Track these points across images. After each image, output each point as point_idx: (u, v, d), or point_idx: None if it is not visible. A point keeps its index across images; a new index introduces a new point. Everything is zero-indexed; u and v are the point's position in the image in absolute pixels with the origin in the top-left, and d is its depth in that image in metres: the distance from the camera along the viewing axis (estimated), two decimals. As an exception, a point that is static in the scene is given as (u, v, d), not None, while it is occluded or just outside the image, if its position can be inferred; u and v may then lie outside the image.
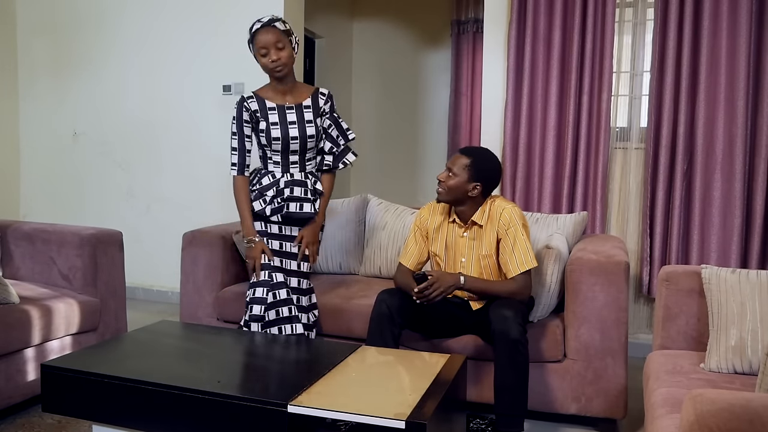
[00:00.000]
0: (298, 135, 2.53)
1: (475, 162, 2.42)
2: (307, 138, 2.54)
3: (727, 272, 2.07)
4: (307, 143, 2.56)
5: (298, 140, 2.54)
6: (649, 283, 3.41)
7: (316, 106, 2.58)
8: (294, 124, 2.53)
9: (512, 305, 2.32)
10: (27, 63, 4.84)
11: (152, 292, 4.60)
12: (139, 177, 4.63)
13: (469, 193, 2.42)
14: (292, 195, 2.57)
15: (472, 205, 2.46)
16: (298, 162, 2.58)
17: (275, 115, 2.53)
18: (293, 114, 2.53)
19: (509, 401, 2.26)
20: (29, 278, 2.96)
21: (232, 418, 1.70)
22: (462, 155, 2.45)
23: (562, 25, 3.47)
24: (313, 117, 2.56)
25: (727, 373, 1.97)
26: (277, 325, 2.56)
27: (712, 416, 1.20)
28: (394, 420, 1.59)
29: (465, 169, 2.41)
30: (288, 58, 2.48)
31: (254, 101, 2.56)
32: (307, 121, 2.54)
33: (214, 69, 4.34)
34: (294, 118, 2.53)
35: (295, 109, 2.54)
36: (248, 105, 2.56)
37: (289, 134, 2.52)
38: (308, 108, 2.56)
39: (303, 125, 2.52)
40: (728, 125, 3.21)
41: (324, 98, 2.61)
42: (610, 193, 3.56)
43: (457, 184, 2.42)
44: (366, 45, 6.30)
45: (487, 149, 2.57)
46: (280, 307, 2.57)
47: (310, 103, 2.58)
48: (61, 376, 1.91)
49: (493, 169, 2.46)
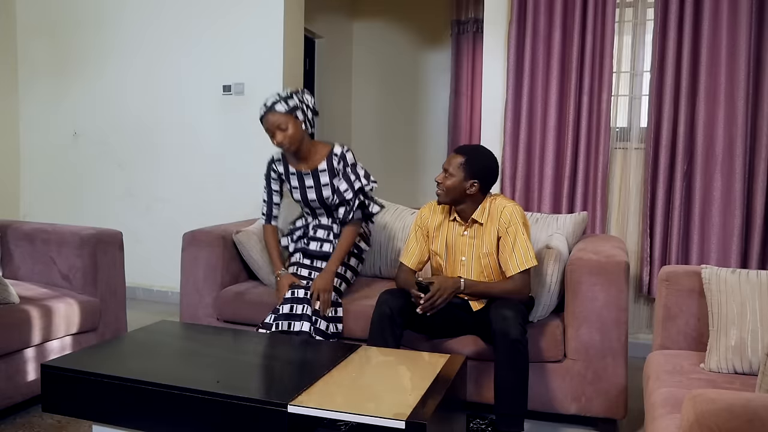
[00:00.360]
0: (316, 197, 2.75)
1: (470, 159, 2.42)
2: (324, 199, 2.75)
3: (727, 272, 2.07)
4: (325, 202, 2.76)
5: (317, 201, 2.77)
6: (649, 283, 3.41)
7: (331, 168, 2.74)
8: (312, 188, 2.74)
9: (512, 305, 2.32)
10: (27, 63, 4.84)
11: (152, 292, 4.60)
12: (138, 177, 4.63)
13: (467, 191, 2.42)
14: (315, 236, 2.81)
15: (472, 204, 2.46)
16: (325, 212, 2.82)
17: (295, 179, 2.76)
18: (310, 179, 2.74)
19: (509, 401, 2.26)
20: (29, 278, 2.96)
21: (232, 418, 1.70)
22: (456, 154, 2.45)
23: (562, 25, 3.47)
24: (329, 178, 2.74)
25: (727, 373, 1.97)
26: (289, 321, 2.56)
27: (712, 416, 1.20)
28: (394, 420, 1.59)
29: (460, 168, 2.41)
30: (293, 136, 2.64)
31: (281, 164, 2.81)
32: (324, 184, 2.73)
33: (214, 69, 4.34)
34: (311, 182, 2.74)
35: (311, 174, 2.73)
36: (275, 167, 2.82)
37: (308, 197, 2.76)
38: (324, 171, 2.73)
39: (320, 189, 2.71)
40: (728, 125, 3.21)
41: (337, 158, 2.74)
42: (610, 193, 3.56)
43: (455, 184, 2.42)
44: (366, 45, 6.30)
45: (482, 146, 2.57)
46: (295, 304, 2.59)
47: (326, 166, 2.74)
48: (61, 376, 1.91)
49: (488, 164, 2.46)
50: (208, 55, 4.37)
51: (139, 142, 4.61)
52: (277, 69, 4.18)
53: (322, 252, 2.83)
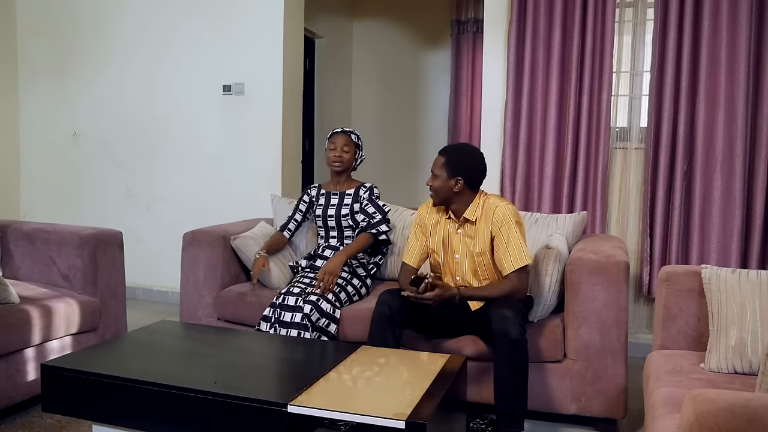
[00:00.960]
0: (334, 214, 3.02)
1: (451, 158, 2.45)
2: (340, 216, 3.01)
3: (727, 272, 2.07)
4: (341, 221, 3.01)
5: (334, 218, 3.02)
6: (649, 283, 3.41)
7: (356, 195, 3.05)
8: (334, 206, 3.04)
9: (512, 305, 2.32)
10: (27, 63, 4.84)
11: (152, 292, 4.60)
12: (138, 177, 4.63)
13: (453, 189, 2.45)
14: (322, 254, 3.02)
15: (463, 202, 2.48)
16: (337, 236, 3.05)
17: (323, 198, 3.09)
18: (336, 198, 3.06)
19: (509, 401, 2.26)
20: (29, 278, 2.96)
21: (232, 418, 1.70)
22: (439, 155, 2.50)
23: (562, 25, 3.47)
24: (351, 202, 3.04)
25: (727, 373, 1.97)
26: (283, 310, 2.64)
27: (712, 416, 1.20)
28: (393, 420, 1.59)
29: (443, 168, 2.45)
30: (348, 161, 3.03)
31: (315, 189, 3.16)
32: (344, 204, 3.04)
33: (214, 69, 4.35)
34: (335, 201, 3.05)
35: (338, 194, 3.07)
36: (310, 191, 3.17)
37: (327, 213, 3.04)
38: (349, 195, 3.05)
39: (340, 208, 3.02)
40: (728, 125, 3.21)
41: (364, 190, 3.06)
42: (610, 193, 3.56)
43: (441, 184, 2.46)
44: (366, 45, 6.30)
45: (465, 143, 2.61)
46: (288, 296, 2.67)
47: (352, 193, 3.06)
48: (61, 376, 1.91)
49: (470, 160, 2.48)
50: (208, 54, 4.37)
51: (138, 142, 4.61)
52: (277, 69, 4.19)
53: (326, 258, 2.98)
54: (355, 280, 2.90)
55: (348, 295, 2.83)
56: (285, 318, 2.61)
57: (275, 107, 4.21)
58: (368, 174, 6.07)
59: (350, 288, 2.86)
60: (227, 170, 4.38)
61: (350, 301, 2.84)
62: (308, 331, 2.58)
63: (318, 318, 2.62)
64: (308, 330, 2.58)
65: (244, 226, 3.26)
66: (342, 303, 2.78)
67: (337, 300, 2.75)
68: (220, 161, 4.39)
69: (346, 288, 2.83)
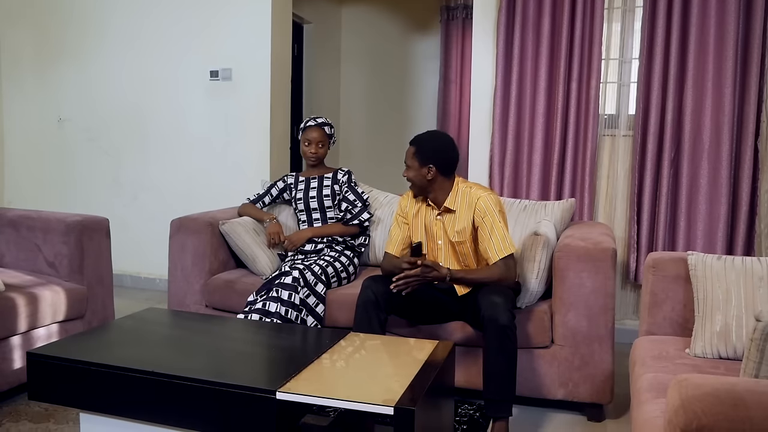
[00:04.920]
0: (315, 196, 3.07)
1: (420, 147, 2.46)
2: (322, 198, 3.06)
3: (713, 259, 2.09)
4: (323, 202, 3.06)
5: (315, 200, 3.07)
6: (636, 269, 3.43)
7: (335, 178, 3.10)
8: (314, 189, 3.09)
9: (501, 291, 2.33)
10: (9, 50, 4.76)
11: (140, 280, 4.58)
12: (126, 164, 4.59)
13: (427, 177, 2.45)
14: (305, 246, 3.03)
15: (441, 189, 2.48)
16: (320, 218, 3.09)
17: (302, 184, 3.13)
18: (315, 182, 3.11)
19: (498, 386, 2.28)
20: (14, 266, 2.93)
21: (221, 405, 1.70)
22: (410, 145, 2.50)
23: (552, 12, 3.46)
24: (330, 183, 3.09)
25: (712, 358, 1.99)
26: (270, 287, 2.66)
27: (697, 401, 1.21)
28: (382, 406, 1.59)
29: (414, 157, 2.46)
30: (323, 154, 3.10)
31: (292, 177, 3.19)
32: (325, 185, 3.09)
33: (201, 54, 4.30)
34: (315, 185, 3.10)
35: (317, 178, 3.11)
36: (287, 178, 3.20)
37: (309, 195, 3.09)
38: (328, 178, 3.11)
39: (321, 190, 3.07)
40: (715, 113, 3.23)
41: (342, 173, 3.12)
42: (598, 181, 3.57)
43: (414, 174, 2.47)
44: (355, 31, 6.25)
45: (435, 130, 2.61)
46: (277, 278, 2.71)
47: (331, 176, 3.11)
48: (47, 364, 1.89)
49: (439, 147, 2.47)
50: (195, 39, 4.32)
51: (125, 129, 4.56)
52: (264, 54, 4.15)
53: (314, 249, 3.02)
54: (343, 258, 2.94)
55: (335, 270, 2.85)
56: (273, 294, 2.62)
57: (263, 93, 4.18)
58: (357, 160, 6.08)
59: (338, 264, 2.88)
60: (215, 156, 4.35)
61: (338, 278, 2.85)
62: (296, 309, 2.59)
63: (308, 294, 2.64)
64: (296, 309, 2.59)
65: (231, 212, 3.24)
66: (329, 278, 2.79)
67: (324, 274, 2.77)
68: (208, 147, 4.36)
69: (333, 264, 2.86)
